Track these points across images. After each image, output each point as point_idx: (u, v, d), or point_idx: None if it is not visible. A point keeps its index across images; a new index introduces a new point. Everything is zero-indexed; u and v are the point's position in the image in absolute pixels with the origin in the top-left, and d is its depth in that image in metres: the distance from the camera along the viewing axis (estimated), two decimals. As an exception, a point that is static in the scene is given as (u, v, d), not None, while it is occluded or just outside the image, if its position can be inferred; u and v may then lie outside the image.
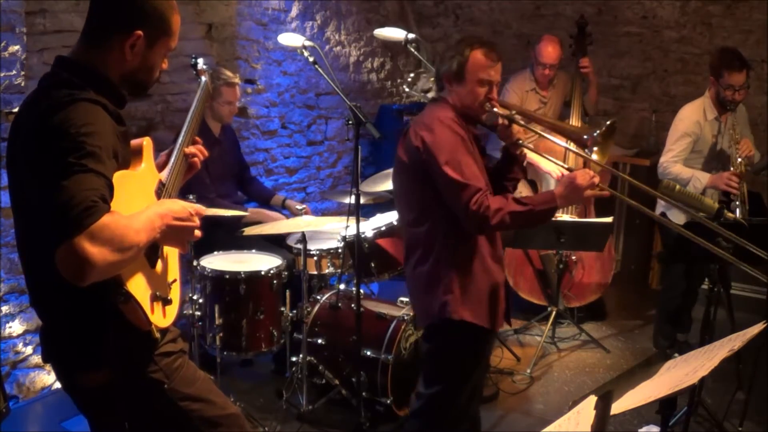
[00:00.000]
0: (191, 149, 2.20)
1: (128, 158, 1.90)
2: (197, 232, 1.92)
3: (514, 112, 2.75)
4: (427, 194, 2.63)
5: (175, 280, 2.06)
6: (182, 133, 2.17)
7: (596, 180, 2.59)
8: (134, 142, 1.96)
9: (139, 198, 1.87)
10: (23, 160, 1.77)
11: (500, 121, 2.71)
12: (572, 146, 2.94)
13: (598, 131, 2.77)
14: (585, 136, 2.78)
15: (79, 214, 1.58)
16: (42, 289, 1.89)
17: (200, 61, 2.54)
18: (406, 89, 3.48)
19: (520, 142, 2.73)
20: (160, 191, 2.00)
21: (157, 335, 1.92)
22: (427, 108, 2.78)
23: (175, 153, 2.12)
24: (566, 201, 2.61)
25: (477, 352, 2.79)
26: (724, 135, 4.04)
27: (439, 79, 2.75)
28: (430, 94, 3.14)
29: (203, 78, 2.46)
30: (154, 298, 1.87)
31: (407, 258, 2.80)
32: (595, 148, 2.78)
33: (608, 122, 2.80)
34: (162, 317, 1.92)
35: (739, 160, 3.90)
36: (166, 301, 1.94)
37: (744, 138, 4.03)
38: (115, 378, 1.87)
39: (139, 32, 1.83)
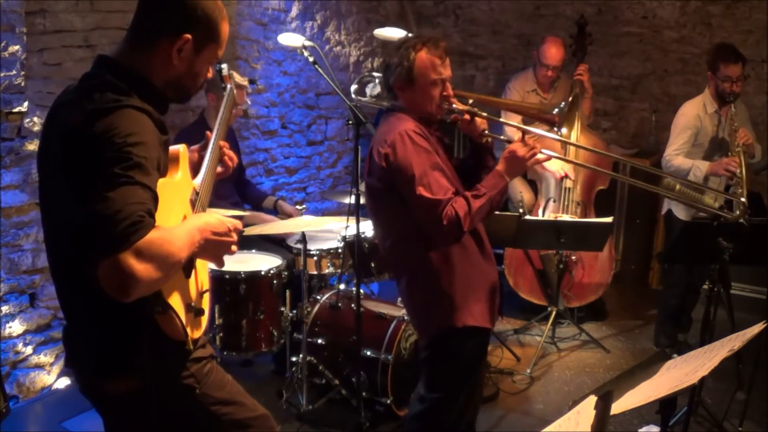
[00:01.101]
0: (225, 148, 2.19)
1: (167, 166, 1.87)
2: (234, 248, 1.90)
3: (471, 101, 2.69)
4: (403, 214, 2.58)
5: (206, 290, 2.04)
6: (211, 143, 2.14)
7: (537, 149, 2.60)
8: (171, 149, 1.92)
9: (176, 207, 1.84)
10: (57, 162, 1.71)
11: (464, 116, 2.64)
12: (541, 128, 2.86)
13: (563, 103, 2.73)
14: (555, 110, 2.73)
15: (125, 229, 1.54)
16: (73, 295, 1.85)
17: (224, 67, 2.43)
18: (354, 96, 3.45)
19: (486, 132, 2.68)
20: (195, 200, 1.97)
21: (191, 347, 1.89)
22: (384, 121, 2.71)
23: (206, 163, 2.08)
24: (512, 174, 2.62)
25: (480, 352, 2.79)
26: (724, 127, 4.11)
27: (389, 89, 2.67)
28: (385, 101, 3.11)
29: (229, 85, 2.39)
30: (189, 309, 1.85)
31: (398, 276, 2.76)
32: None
33: (570, 97, 2.78)
34: (195, 328, 1.91)
35: (738, 149, 3.95)
36: (199, 312, 1.92)
37: (742, 128, 4.07)
38: (146, 385, 1.83)
39: (188, 36, 1.79)
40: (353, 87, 3.32)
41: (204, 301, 2.01)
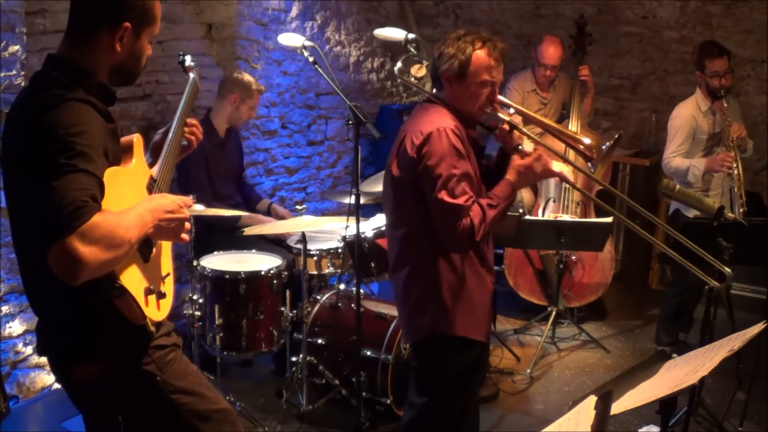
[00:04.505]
0: (192, 123, 2.23)
1: (118, 155, 1.92)
2: (188, 224, 1.96)
3: (513, 112, 2.69)
4: (420, 210, 2.54)
5: (168, 274, 2.07)
6: (171, 131, 2.17)
7: (548, 165, 2.60)
8: (124, 138, 1.98)
9: (130, 194, 1.89)
10: (16, 161, 1.80)
11: (503, 126, 2.60)
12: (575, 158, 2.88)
13: (606, 145, 2.72)
14: (594, 150, 2.72)
15: (69, 214, 1.60)
16: (37, 285, 1.91)
17: (188, 57, 2.51)
18: (395, 71, 3.42)
19: (520, 147, 2.61)
20: (152, 187, 2.01)
21: (152, 329, 1.94)
22: (421, 109, 2.64)
23: (165, 150, 2.12)
24: (521, 186, 2.67)
25: (471, 363, 2.71)
26: (719, 122, 4.16)
27: (437, 78, 2.62)
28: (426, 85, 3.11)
29: (191, 75, 2.44)
30: (148, 292, 1.89)
31: (395, 271, 2.70)
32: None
33: (616, 136, 2.77)
34: (156, 310, 1.94)
35: (732, 143, 4.01)
36: (160, 295, 1.95)
37: (735, 121, 4.11)
38: (108, 371, 1.87)
39: (127, 24, 1.85)
40: (398, 65, 3.28)
41: (167, 284, 2.04)
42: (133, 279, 1.82)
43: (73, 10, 1.89)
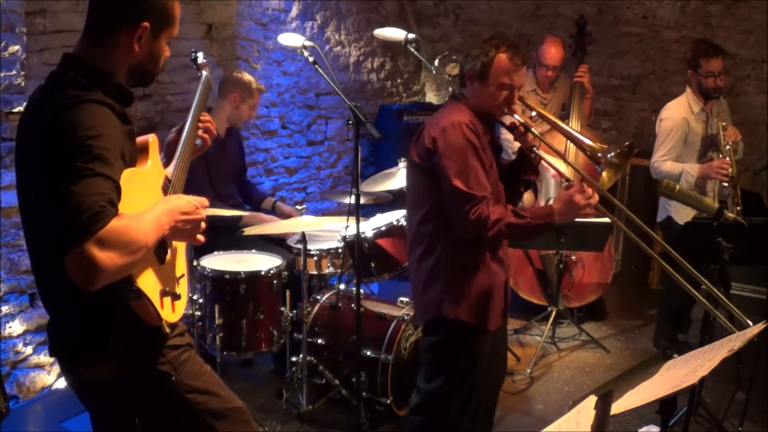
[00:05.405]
0: (206, 119, 2.23)
1: (134, 156, 1.91)
2: (203, 224, 1.94)
3: (534, 113, 2.81)
4: (435, 194, 2.66)
5: (183, 275, 2.07)
6: (185, 130, 2.16)
7: (594, 200, 2.62)
8: (140, 139, 1.97)
9: (146, 195, 1.88)
10: (31, 161, 1.78)
11: (519, 127, 2.73)
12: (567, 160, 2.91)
13: (614, 152, 2.78)
14: (599, 154, 2.78)
15: (87, 220, 1.59)
16: (51, 284, 1.90)
17: (200, 55, 2.50)
18: (433, 69, 3.50)
19: (535, 149, 2.74)
20: (167, 187, 2.01)
21: (167, 330, 1.93)
22: (445, 106, 2.82)
23: (179, 150, 2.12)
24: (563, 218, 2.64)
25: (474, 350, 2.77)
26: (712, 124, 4.09)
27: (462, 76, 2.76)
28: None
29: (204, 72, 2.42)
30: (164, 294, 1.89)
31: (411, 253, 2.82)
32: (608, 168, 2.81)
33: (627, 143, 2.82)
34: (171, 312, 1.94)
35: (728, 147, 3.94)
36: (175, 297, 1.95)
37: (729, 125, 4.06)
38: (122, 371, 1.87)
39: (146, 24, 1.84)
40: (436, 61, 3.34)
41: (181, 285, 2.04)
42: (149, 281, 1.82)
43: (91, 10, 1.87)
